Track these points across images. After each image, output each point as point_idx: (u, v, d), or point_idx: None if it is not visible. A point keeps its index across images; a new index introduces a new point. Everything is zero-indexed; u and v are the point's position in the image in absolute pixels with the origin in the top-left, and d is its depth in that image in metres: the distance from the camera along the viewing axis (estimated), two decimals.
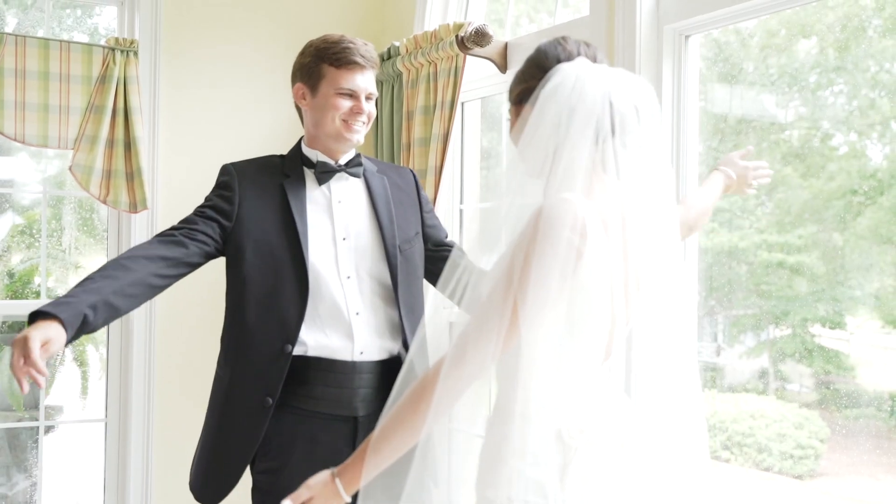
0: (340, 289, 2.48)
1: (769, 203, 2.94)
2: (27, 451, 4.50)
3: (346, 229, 2.54)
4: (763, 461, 2.97)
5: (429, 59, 3.92)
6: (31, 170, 4.43)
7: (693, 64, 3.13)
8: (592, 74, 1.82)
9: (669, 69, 3.12)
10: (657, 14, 3.13)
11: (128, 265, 2.38)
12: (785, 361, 2.98)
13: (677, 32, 3.11)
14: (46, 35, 4.22)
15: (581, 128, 1.76)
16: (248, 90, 4.41)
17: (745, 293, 2.99)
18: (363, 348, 2.47)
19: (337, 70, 2.54)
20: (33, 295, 4.40)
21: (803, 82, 2.83)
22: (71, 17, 4.52)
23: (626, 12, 3.14)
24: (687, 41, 3.11)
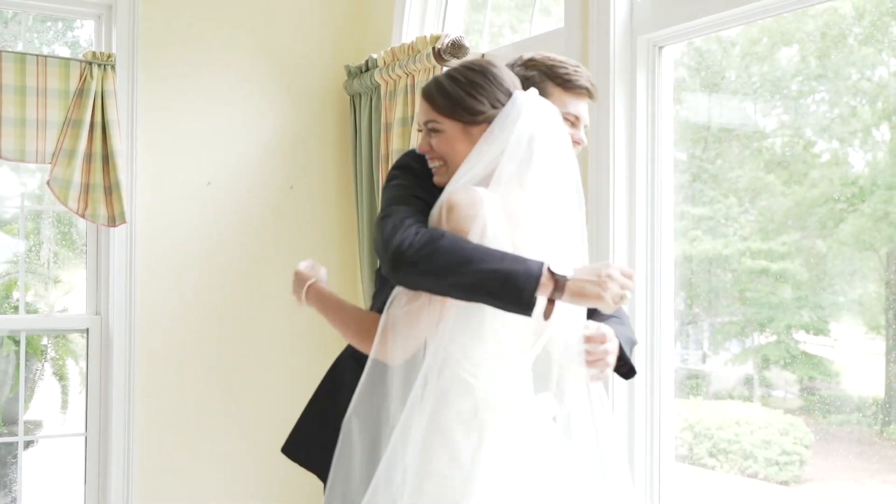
0: None
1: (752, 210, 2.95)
2: (7, 467, 4.47)
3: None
4: (748, 468, 2.98)
5: (406, 72, 3.93)
6: (13, 183, 4.40)
7: (667, 74, 3.15)
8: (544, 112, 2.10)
9: (643, 79, 3.14)
10: (631, 25, 3.15)
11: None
12: (769, 368, 2.99)
13: (651, 43, 3.14)
14: (26, 49, 4.19)
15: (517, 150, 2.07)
16: (225, 104, 4.39)
17: (730, 300, 3.01)
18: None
19: (564, 92, 2.36)
20: (11, 310, 4.36)
21: (785, 90, 2.84)
22: (52, 30, 4.49)
23: (601, 23, 3.16)
24: (661, 52, 3.14)
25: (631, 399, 3.13)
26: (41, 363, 4.68)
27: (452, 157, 2.12)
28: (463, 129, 2.11)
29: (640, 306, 3.12)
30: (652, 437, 3.12)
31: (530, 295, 1.91)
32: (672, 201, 3.15)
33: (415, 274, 1.97)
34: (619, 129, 3.13)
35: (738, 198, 2.98)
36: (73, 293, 4.49)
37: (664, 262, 3.13)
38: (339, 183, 4.65)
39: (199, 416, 4.35)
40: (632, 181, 3.14)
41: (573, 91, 2.32)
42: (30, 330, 4.26)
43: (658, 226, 3.13)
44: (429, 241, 1.96)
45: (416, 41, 3.87)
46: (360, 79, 4.32)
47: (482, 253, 1.94)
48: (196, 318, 4.35)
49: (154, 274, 4.24)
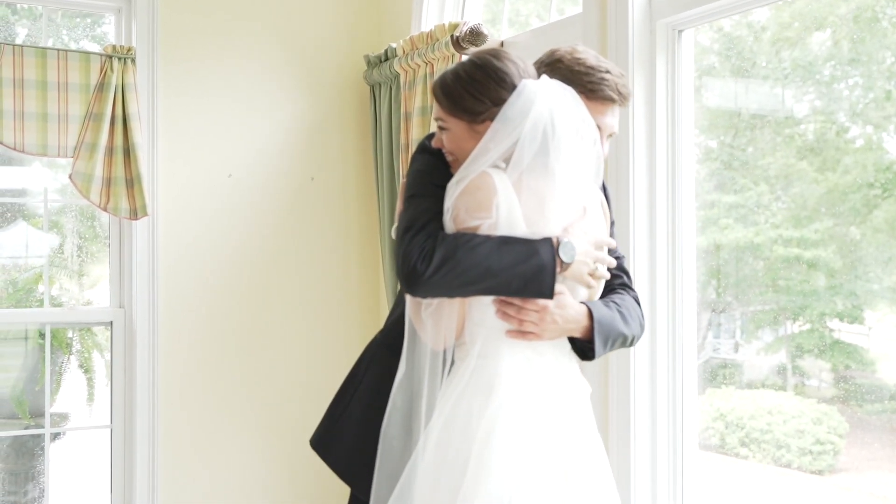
0: None
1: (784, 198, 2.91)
2: (34, 459, 4.50)
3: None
4: (782, 457, 2.95)
5: (425, 60, 3.91)
6: (38, 177, 4.42)
7: (687, 58, 3.12)
8: (561, 100, 2.06)
9: (663, 64, 3.11)
10: (650, 9, 3.11)
11: None
12: (803, 357, 2.95)
13: (670, 27, 3.10)
14: (55, 45, 4.21)
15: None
16: (245, 96, 4.39)
17: (762, 289, 2.97)
18: None
19: (588, 100, 2.22)
20: (37, 303, 4.38)
21: (818, 75, 2.79)
22: (80, 25, 4.50)
23: (619, 8, 3.12)
24: (680, 35, 3.10)
25: (653, 390, 3.10)
26: (67, 356, 4.70)
27: (460, 154, 2.11)
28: (468, 128, 2.10)
29: (662, 297, 3.09)
30: (675, 428, 3.10)
31: (550, 288, 2.01)
32: (693, 189, 3.11)
33: (433, 291, 2.00)
34: (638, 115, 3.09)
35: (770, 185, 2.93)
36: (98, 286, 4.51)
37: (685, 252, 3.10)
38: (359, 173, 4.63)
39: (222, 407, 4.37)
40: (652, 169, 3.10)
41: (597, 100, 2.23)
42: (55, 323, 4.28)
43: (679, 214, 3.09)
44: (443, 259, 1.97)
45: (434, 29, 3.85)
46: (379, 68, 4.30)
47: (497, 258, 1.97)
48: (218, 310, 4.36)
49: (176, 266, 4.25)
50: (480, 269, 1.97)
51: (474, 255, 1.97)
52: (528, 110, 2.01)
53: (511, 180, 2.01)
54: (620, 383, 3.10)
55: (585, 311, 2.11)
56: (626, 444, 3.09)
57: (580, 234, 2.07)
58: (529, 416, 2.00)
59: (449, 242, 1.99)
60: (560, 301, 2.06)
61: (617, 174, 3.11)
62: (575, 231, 2.06)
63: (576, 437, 2.06)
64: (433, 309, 2.05)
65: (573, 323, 2.09)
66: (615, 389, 3.12)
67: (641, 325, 2.29)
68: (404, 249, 2.02)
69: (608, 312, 2.16)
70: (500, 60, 2.09)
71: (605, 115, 2.23)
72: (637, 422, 3.08)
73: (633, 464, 3.09)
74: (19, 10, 4.42)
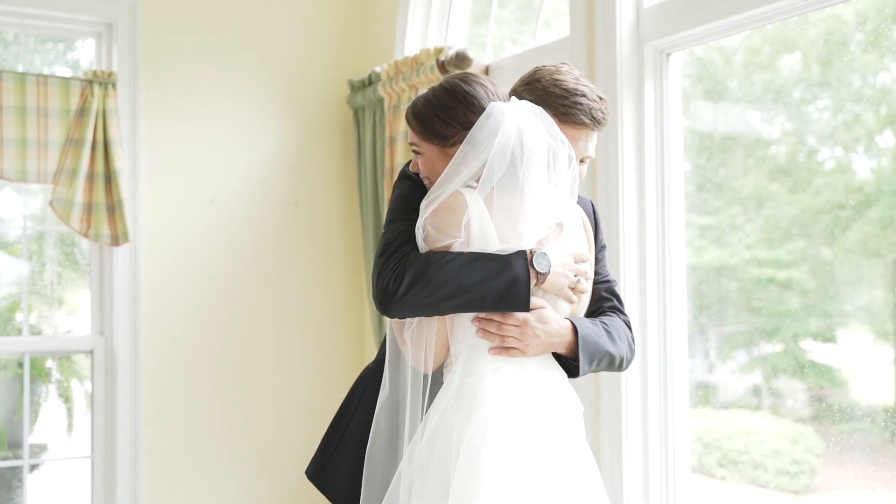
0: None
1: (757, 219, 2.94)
2: (12, 491, 4.44)
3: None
4: (759, 477, 2.96)
5: (410, 84, 3.92)
6: (16, 204, 4.39)
7: (675, 81, 3.13)
8: (529, 120, 2.08)
9: (651, 87, 3.12)
10: (637, 32, 3.13)
11: None
12: (778, 377, 2.97)
13: (658, 50, 3.12)
14: (27, 69, 4.20)
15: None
16: (228, 120, 4.39)
17: (736, 309, 2.99)
18: None
19: (561, 123, 2.21)
20: (15, 332, 4.35)
21: (788, 98, 2.83)
22: (53, 51, 4.50)
23: (607, 31, 3.14)
24: (668, 59, 3.12)
25: (644, 409, 3.10)
26: (46, 385, 4.66)
27: (434, 177, 2.13)
28: (440, 151, 2.13)
29: (652, 317, 3.10)
30: (667, 449, 3.09)
31: (525, 301, 2.02)
32: (683, 210, 3.13)
33: (406, 311, 2.03)
34: (627, 137, 3.11)
35: (743, 206, 2.96)
36: (77, 314, 4.48)
37: (675, 272, 3.11)
38: (343, 198, 4.64)
39: (205, 435, 4.33)
40: (641, 191, 3.11)
41: (569, 123, 2.19)
42: (33, 352, 4.23)
43: (668, 235, 3.10)
44: (414, 278, 2.00)
45: (419, 53, 3.87)
46: (363, 93, 4.32)
47: (468, 273, 1.99)
48: (201, 336, 4.33)
49: (158, 293, 4.22)
50: (452, 286, 1.99)
51: (445, 271, 1.99)
52: (495, 132, 2.03)
53: (482, 197, 2.04)
54: (612, 402, 3.09)
55: (570, 326, 2.11)
56: (618, 462, 3.08)
57: (557, 247, 2.08)
58: (516, 434, 2.01)
59: (420, 261, 2.02)
60: (541, 315, 2.07)
61: (607, 196, 3.13)
62: (551, 244, 2.08)
63: (566, 454, 2.06)
64: (414, 329, 2.06)
65: (557, 337, 2.09)
66: (606, 408, 3.11)
67: (631, 349, 2.27)
68: (377, 271, 2.05)
69: (594, 329, 2.17)
70: (468, 84, 2.12)
71: (578, 139, 2.21)
72: (629, 441, 3.07)
73: (626, 482, 3.07)
74: None
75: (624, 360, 2.24)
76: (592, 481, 2.09)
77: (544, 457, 2.02)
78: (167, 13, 4.28)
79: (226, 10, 4.41)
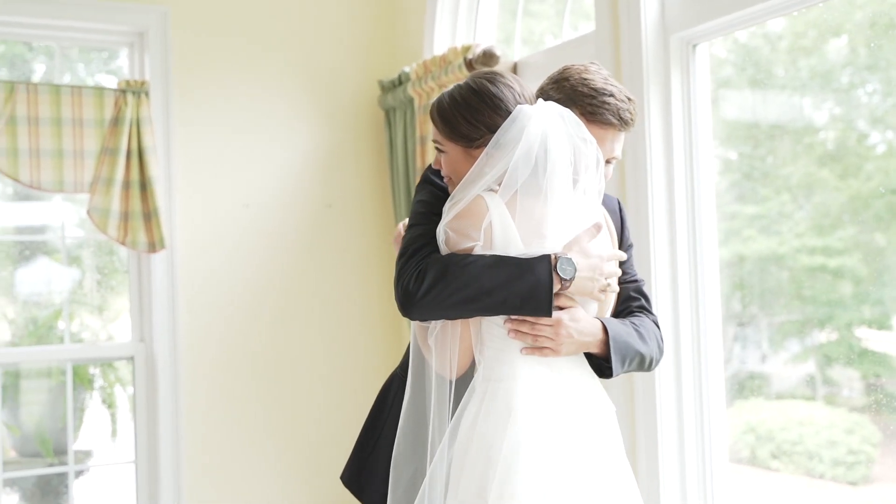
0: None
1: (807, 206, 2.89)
2: (59, 497, 4.49)
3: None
4: (814, 469, 2.92)
5: (439, 83, 3.92)
6: (68, 213, 4.44)
7: (702, 72, 3.09)
8: (555, 125, 2.04)
9: (678, 79, 3.09)
10: (662, 24, 3.10)
11: None
12: (832, 366, 2.92)
13: (684, 41, 3.09)
14: (72, 80, 4.25)
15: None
16: (259, 125, 4.40)
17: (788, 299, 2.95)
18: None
19: (588, 122, 2.19)
20: (58, 340, 4.39)
21: (836, 83, 2.78)
22: (96, 59, 4.54)
23: (632, 24, 3.11)
24: (695, 50, 3.08)
25: (679, 403, 3.07)
26: (89, 392, 4.70)
27: (456, 176, 2.11)
28: (464, 152, 2.10)
29: (685, 312, 3.06)
30: (703, 441, 3.06)
31: (548, 305, 1.98)
32: (714, 203, 3.09)
33: (427, 312, 2.00)
34: (654, 131, 3.07)
35: (792, 194, 2.91)
36: (120, 321, 4.51)
37: (707, 265, 3.06)
38: (376, 198, 4.63)
39: (245, 438, 4.35)
40: (670, 185, 3.07)
41: (596, 123, 2.17)
42: (75, 360, 4.28)
43: (699, 228, 3.06)
44: (435, 279, 1.97)
45: (447, 52, 3.86)
46: (393, 93, 4.31)
47: (489, 276, 1.96)
48: (239, 340, 4.35)
49: (196, 298, 4.24)
50: (473, 288, 1.96)
51: (465, 273, 1.96)
52: (520, 136, 2.00)
53: (504, 201, 2.01)
54: (646, 401, 3.07)
55: (601, 326, 2.08)
56: (654, 461, 3.06)
57: (587, 250, 2.05)
58: (552, 438, 1.98)
59: (440, 262, 1.99)
60: (574, 314, 2.04)
61: (636, 190, 3.10)
62: (582, 247, 2.04)
63: (601, 456, 2.04)
64: (438, 333, 2.03)
65: (589, 336, 2.06)
66: (641, 407, 3.09)
67: (661, 348, 2.24)
68: (398, 273, 2.03)
69: (624, 328, 2.14)
70: (495, 86, 2.08)
71: (605, 140, 2.18)
72: (664, 439, 3.05)
73: (662, 482, 3.05)
74: (35, 48, 4.45)
75: (654, 360, 2.21)
76: (627, 483, 2.07)
77: (581, 460, 1.99)
78: (197, 21, 4.29)
79: (254, 15, 4.41)
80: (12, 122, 3.92)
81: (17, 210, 4.45)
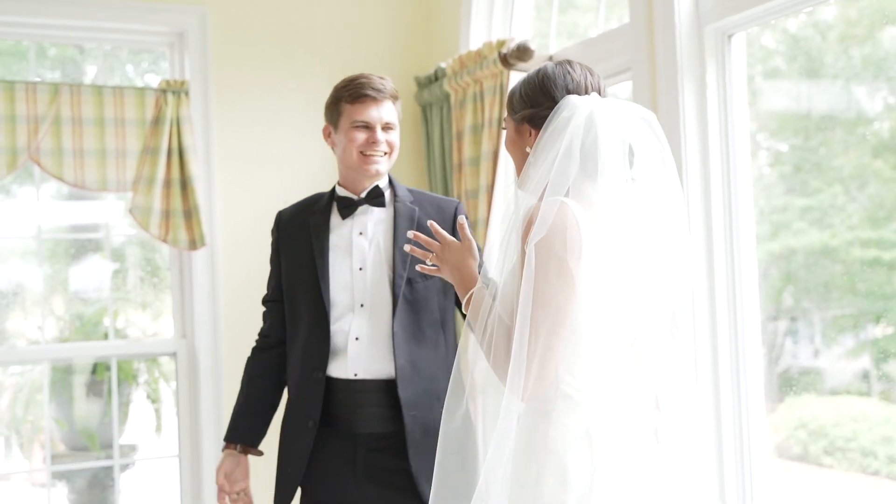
0: (350, 316, 2.66)
1: (860, 198, 2.83)
2: (105, 490, 4.54)
3: (364, 260, 2.70)
4: (869, 465, 2.86)
5: (475, 79, 3.90)
6: (118, 211, 4.49)
7: (738, 63, 3.04)
8: (604, 114, 1.97)
9: (713, 71, 3.04)
10: (697, 15, 3.05)
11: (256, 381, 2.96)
12: (888, 361, 2.86)
13: (719, 32, 3.04)
14: (121, 80, 4.32)
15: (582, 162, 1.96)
16: (298, 122, 4.40)
17: (841, 292, 2.88)
18: (356, 370, 2.64)
19: (352, 105, 2.67)
20: (103, 336, 4.44)
21: (890, 71, 2.71)
22: (145, 60, 4.58)
23: (665, 16, 3.06)
24: (730, 40, 3.03)
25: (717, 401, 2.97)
26: (134, 387, 4.74)
27: (511, 154, 2.12)
28: (515, 128, 2.09)
29: (722, 307, 2.97)
30: (741, 438, 2.96)
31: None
32: (752, 196, 3.01)
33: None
34: (689, 123, 3.02)
35: (844, 186, 2.85)
36: (165, 317, 4.55)
37: (744, 260, 2.98)
38: None
39: None
40: (706, 179, 3.01)
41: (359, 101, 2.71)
42: (119, 356, 4.34)
43: (736, 222, 2.98)
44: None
45: (482, 47, 3.84)
46: (429, 89, 4.29)
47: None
48: None
49: (237, 295, 4.25)
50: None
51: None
52: (564, 126, 1.96)
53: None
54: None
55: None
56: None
57: None
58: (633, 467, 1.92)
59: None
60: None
61: None
62: None
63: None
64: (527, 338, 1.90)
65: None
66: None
67: None
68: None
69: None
70: (557, 66, 2.08)
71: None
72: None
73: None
74: (86, 50, 4.50)
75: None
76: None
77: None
78: (234, 20, 4.31)
79: (291, 14, 4.42)
80: (57, 122, 3.95)
81: (70, 209, 4.52)
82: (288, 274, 2.81)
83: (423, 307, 2.67)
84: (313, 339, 2.68)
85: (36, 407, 4.51)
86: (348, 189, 2.79)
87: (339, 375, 2.65)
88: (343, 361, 2.65)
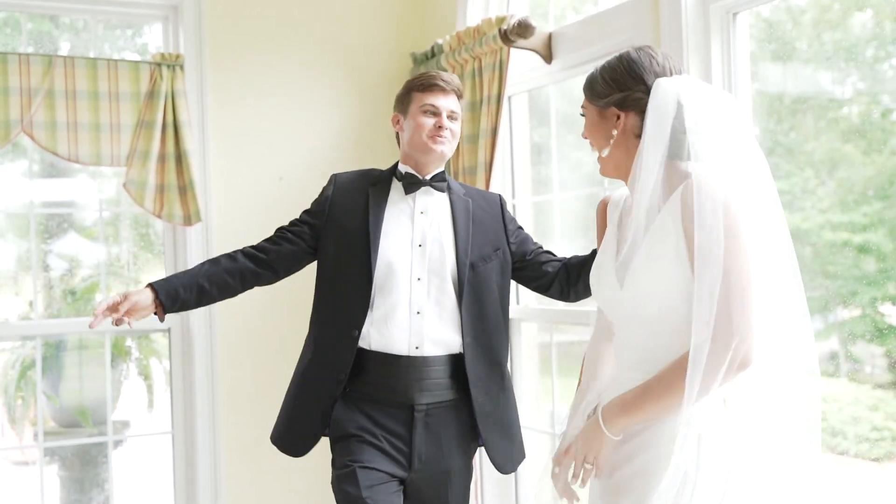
0: (408, 288, 2.79)
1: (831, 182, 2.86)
2: (98, 466, 4.57)
3: (423, 237, 2.83)
4: (837, 445, 2.90)
5: (473, 55, 3.90)
6: (91, 189, 4.49)
7: (742, 42, 3.04)
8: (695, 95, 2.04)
9: (718, 48, 3.05)
10: None
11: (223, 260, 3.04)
12: (856, 343, 2.90)
13: (724, 10, 3.04)
14: (98, 55, 4.27)
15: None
16: (293, 99, 4.42)
17: (811, 275, 2.92)
18: (418, 344, 2.77)
19: (422, 93, 2.86)
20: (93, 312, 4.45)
21: (860, 57, 2.75)
22: (121, 37, 4.57)
23: None
24: (735, 18, 3.04)
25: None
26: (126, 364, 4.77)
27: (592, 141, 2.18)
28: (598, 113, 2.16)
29: None
30: None
31: None
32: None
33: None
34: None
35: (815, 170, 2.88)
36: None
37: None
38: None
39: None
40: None
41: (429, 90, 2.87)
42: (113, 332, 4.31)
43: None
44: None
45: (481, 23, 3.84)
46: (426, 65, 4.30)
47: None
48: (273, 314, 4.39)
49: None
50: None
51: None
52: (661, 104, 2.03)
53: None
54: None
55: None
56: None
57: None
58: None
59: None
60: None
61: None
62: None
63: None
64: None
65: None
66: None
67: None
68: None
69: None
70: (637, 51, 2.15)
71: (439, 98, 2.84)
72: None
73: None
74: (61, 24, 4.50)
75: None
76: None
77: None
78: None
79: None
80: (50, 95, 3.94)
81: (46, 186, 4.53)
82: (335, 233, 2.94)
83: (485, 286, 2.83)
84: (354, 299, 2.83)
85: (27, 383, 4.55)
86: (413, 169, 2.94)
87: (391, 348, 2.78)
88: (400, 333, 2.78)
